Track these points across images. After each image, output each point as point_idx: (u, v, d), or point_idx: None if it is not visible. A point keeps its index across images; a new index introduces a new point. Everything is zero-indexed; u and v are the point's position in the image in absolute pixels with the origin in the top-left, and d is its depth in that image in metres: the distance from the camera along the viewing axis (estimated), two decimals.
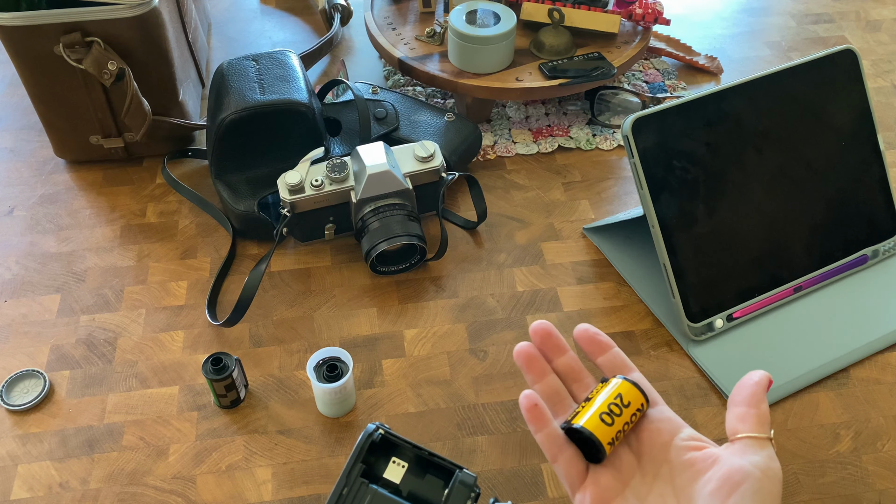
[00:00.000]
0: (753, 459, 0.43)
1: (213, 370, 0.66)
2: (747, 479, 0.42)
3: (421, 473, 0.48)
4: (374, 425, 0.48)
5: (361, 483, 0.47)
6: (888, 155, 0.91)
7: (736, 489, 0.42)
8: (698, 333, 0.73)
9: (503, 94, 0.90)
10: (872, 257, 0.79)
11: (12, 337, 0.74)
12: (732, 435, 0.45)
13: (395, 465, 0.48)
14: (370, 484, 0.47)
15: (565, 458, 0.47)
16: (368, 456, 0.48)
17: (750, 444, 0.44)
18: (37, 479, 0.65)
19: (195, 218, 0.85)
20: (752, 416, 0.45)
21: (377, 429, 0.48)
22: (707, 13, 1.15)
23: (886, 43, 1.10)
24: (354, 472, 0.47)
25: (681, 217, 0.71)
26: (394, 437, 0.49)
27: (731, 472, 0.43)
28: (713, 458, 0.44)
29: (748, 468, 0.43)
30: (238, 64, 0.82)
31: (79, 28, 0.77)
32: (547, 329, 0.50)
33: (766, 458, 0.43)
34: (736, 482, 0.42)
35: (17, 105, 0.99)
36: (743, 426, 0.45)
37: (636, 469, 0.48)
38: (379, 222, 0.76)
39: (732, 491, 0.42)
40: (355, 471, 0.47)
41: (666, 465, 0.46)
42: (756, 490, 0.42)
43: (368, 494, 0.46)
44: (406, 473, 0.48)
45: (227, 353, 0.67)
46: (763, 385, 0.47)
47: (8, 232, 0.84)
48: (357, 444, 0.48)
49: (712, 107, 0.71)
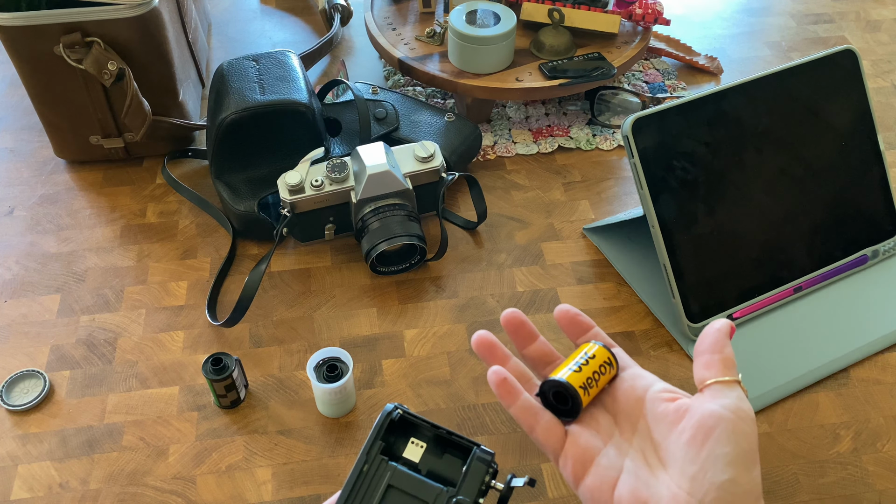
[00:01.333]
0: (724, 402, 0.43)
1: (213, 370, 0.66)
2: (720, 423, 0.42)
3: (440, 452, 0.48)
4: (392, 405, 0.48)
5: (381, 460, 0.46)
6: (888, 155, 0.91)
7: (711, 434, 0.42)
8: (698, 333, 0.73)
9: (503, 94, 0.90)
10: (872, 257, 0.79)
11: (12, 337, 0.74)
12: (701, 383, 0.45)
13: (413, 445, 0.48)
14: (390, 461, 0.46)
15: (542, 426, 0.47)
16: (387, 436, 0.48)
17: (719, 388, 0.44)
18: (37, 479, 0.65)
19: (195, 218, 0.85)
20: (718, 362, 0.45)
21: (395, 408, 0.48)
22: (707, 13, 1.15)
23: (886, 43, 1.10)
24: (374, 450, 0.46)
25: (681, 217, 0.71)
26: (412, 416, 0.48)
27: (703, 418, 0.43)
28: (686, 407, 0.45)
29: (719, 411, 0.43)
30: (238, 64, 0.82)
31: (79, 28, 0.77)
32: (518, 318, 0.50)
33: (736, 399, 0.43)
34: (710, 427, 0.42)
35: (17, 105, 0.99)
36: (710, 373, 0.45)
37: (614, 427, 0.48)
38: (379, 222, 0.76)
39: (707, 437, 0.42)
40: (375, 448, 0.47)
41: (642, 419, 0.47)
42: (731, 432, 0.42)
43: (388, 471, 0.46)
44: (425, 453, 0.48)
45: (227, 354, 0.67)
46: (725, 331, 0.47)
47: (8, 232, 0.84)
48: (376, 423, 0.47)
49: (712, 107, 0.71)
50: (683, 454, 0.42)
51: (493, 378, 0.47)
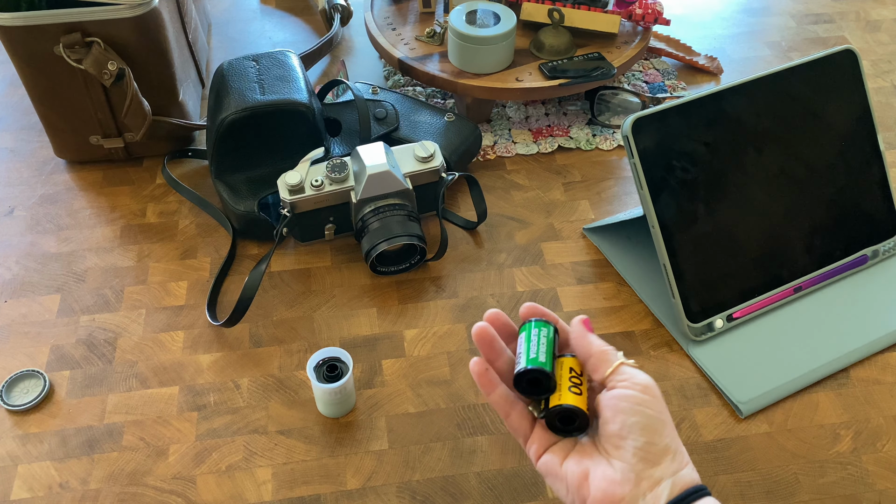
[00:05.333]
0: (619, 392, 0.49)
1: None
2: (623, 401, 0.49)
3: None
4: None
5: None
6: (888, 155, 0.91)
7: (620, 412, 0.48)
8: (698, 333, 0.73)
9: (503, 94, 0.90)
10: (872, 257, 0.79)
11: (12, 337, 0.74)
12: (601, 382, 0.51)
13: None
14: None
15: (515, 414, 0.52)
16: None
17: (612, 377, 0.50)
18: (37, 479, 0.65)
19: (195, 218, 0.85)
20: (595, 362, 0.51)
21: None
22: (707, 13, 1.15)
23: (886, 43, 1.10)
24: None
25: (681, 217, 0.71)
26: None
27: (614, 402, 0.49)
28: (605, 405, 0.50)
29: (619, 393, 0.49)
30: (238, 64, 0.82)
31: (79, 28, 0.77)
32: (500, 317, 0.55)
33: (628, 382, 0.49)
34: (619, 408, 0.49)
35: (17, 105, 0.99)
36: (597, 374, 0.51)
37: None
38: (379, 222, 0.76)
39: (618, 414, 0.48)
40: None
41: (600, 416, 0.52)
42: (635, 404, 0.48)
43: None
44: None
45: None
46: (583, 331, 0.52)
47: (8, 232, 0.84)
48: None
49: (712, 107, 0.71)
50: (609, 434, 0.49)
51: (475, 369, 0.52)
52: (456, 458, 0.66)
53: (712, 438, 0.67)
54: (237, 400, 0.70)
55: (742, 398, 0.69)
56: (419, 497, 0.64)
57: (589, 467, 0.49)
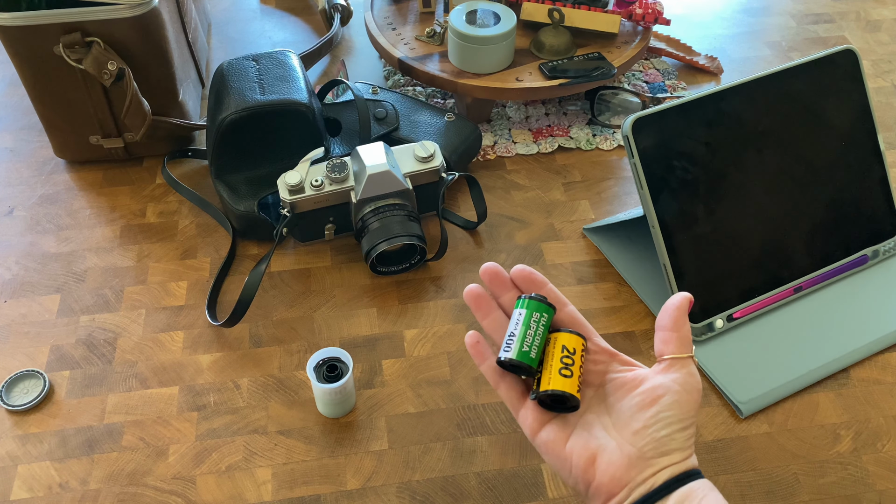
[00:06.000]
0: (674, 377, 0.49)
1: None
2: (668, 392, 0.49)
3: None
4: None
5: None
6: (888, 155, 0.91)
7: (657, 401, 0.48)
8: (698, 333, 0.73)
9: (503, 94, 0.90)
10: (872, 257, 0.79)
11: (12, 337, 0.74)
12: (659, 356, 0.51)
13: None
14: None
15: (506, 384, 0.53)
16: None
17: (673, 363, 0.50)
18: (37, 479, 0.65)
19: (195, 218, 0.85)
20: (675, 339, 0.51)
21: None
22: (707, 13, 1.15)
23: (886, 43, 1.10)
24: None
25: (681, 217, 0.71)
26: None
27: (654, 387, 0.49)
28: (641, 377, 0.51)
29: (668, 384, 0.49)
30: (238, 64, 0.82)
31: (79, 28, 0.77)
32: (495, 269, 0.55)
33: (685, 374, 0.49)
34: (657, 395, 0.49)
35: (17, 105, 0.99)
36: (667, 348, 0.50)
37: None
38: (379, 222, 0.76)
39: (654, 403, 0.49)
40: None
41: (602, 387, 0.52)
42: (675, 401, 0.48)
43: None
44: None
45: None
46: (684, 308, 0.51)
47: (8, 232, 0.84)
48: None
49: (712, 107, 0.71)
50: (631, 414, 0.49)
51: (469, 340, 0.53)
52: (456, 459, 0.66)
53: (712, 438, 0.67)
54: (237, 400, 0.70)
55: (742, 398, 0.69)
56: (419, 497, 0.64)
57: (596, 452, 0.49)
